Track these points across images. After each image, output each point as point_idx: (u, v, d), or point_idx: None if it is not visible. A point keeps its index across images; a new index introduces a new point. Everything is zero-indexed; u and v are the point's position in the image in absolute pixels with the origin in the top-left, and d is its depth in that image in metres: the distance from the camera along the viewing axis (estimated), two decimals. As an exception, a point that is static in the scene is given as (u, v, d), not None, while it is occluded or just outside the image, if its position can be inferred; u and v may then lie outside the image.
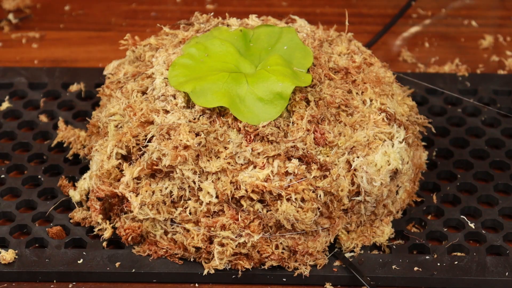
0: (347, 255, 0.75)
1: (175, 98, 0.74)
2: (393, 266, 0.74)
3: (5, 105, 0.89)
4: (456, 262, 0.74)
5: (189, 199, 0.72)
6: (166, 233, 0.73)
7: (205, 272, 0.73)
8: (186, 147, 0.70)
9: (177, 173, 0.71)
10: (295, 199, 0.70)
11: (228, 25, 0.80)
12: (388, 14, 1.05)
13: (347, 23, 0.82)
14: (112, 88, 0.78)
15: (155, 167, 0.71)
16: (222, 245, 0.72)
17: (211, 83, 0.72)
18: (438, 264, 0.74)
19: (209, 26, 0.80)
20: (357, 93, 0.75)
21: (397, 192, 0.76)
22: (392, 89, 0.78)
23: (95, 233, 0.76)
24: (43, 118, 0.88)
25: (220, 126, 0.72)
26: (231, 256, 0.72)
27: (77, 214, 0.77)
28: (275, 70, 0.73)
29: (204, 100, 0.72)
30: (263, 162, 0.71)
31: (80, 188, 0.78)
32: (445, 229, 0.77)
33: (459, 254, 0.75)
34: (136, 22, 1.04)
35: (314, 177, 0.71)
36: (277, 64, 0.74)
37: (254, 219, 0.71)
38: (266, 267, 0.73)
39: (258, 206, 0.71)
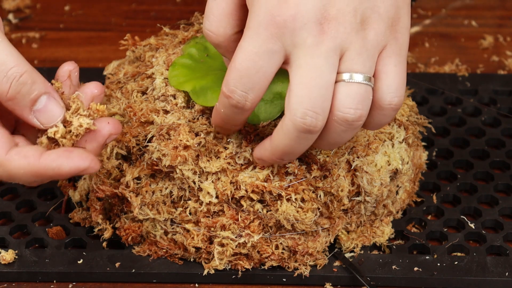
0: (347, 255, 0.75)
1: (175, 98, 0.74)
2: (393, 266, 0.74)
3: (5, 105, 0.88)
4: (456, 262, 0.74)
5: (189, 199, 0.72)
6: (166, 233, 0.73)
7: (205, 272, 0.73)
8: (186, 147, 0.70)
9: (177, 173, 0.71)
10: (295, 199, 0.70)
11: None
12: (388, 14, 1.04)
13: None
14: (112, 88, 0.78)
15: (155, 167, 0.71)
16: (222, 245, 0.72)
17: (211, 83, 0.72)
18: (438, 264, 0.74)
19: (209, 26, 0.80)
20: (357, 93, 0.75)
21: (397, 192, 0.76)
22: (392, 89, 0.78)
23: (95, 233, 0.76)
24: (43, 118, 0.87)
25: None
26: (231, 256, 0.72)
27: (77, 214, 0.77)
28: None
29: (204, 99, 0.72)
30: (263, 162, 0.71)
31: (80, 188, 0.78)
32: (445, 229, 0.77)
33: (459, 254, 0.75)
34: (136, 22, 1.04)
35: (314, 177, 0.71)
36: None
37: (254, 219, 0.71)
38: (266, 267, 0.73)
39: (258, 206, 0.71)
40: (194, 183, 0.71)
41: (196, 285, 0.74)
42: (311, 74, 0.62)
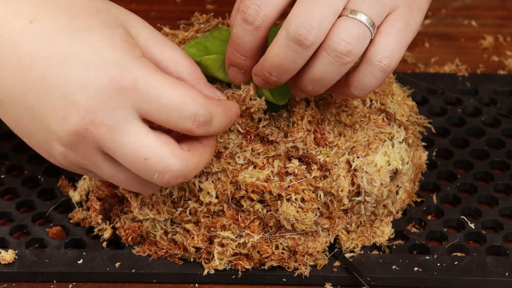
0: (347, 255, 0.75)
1: (175, 98, 0.73)
2: (393, 266, 0.74)
3: (5, 105, 0.88)
4: (456, 262, 0.74)
5: (189, 199, 0.72)
6: (166, 233, 0.73)
7: (205, 272, 0.73)
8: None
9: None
10: (295, 199, 0.70)
11: (228, 25, 0.80)
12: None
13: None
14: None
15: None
16: (222, 245, 0.72)
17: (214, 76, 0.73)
18: (438, 264, 0.74)
19: (209, 26, 0.80)
20: (357, 93, 0.75)
21: (397, 192, 0.76)
22: (392, 89, 0.78)
23: (95, 233, 0.76)
24: (43, 118, 0.87)
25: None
26: (231, 257, 0.72)
27: (77, 214, 0.77)
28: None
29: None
30: (263, 162, 0.71)
31: (80, 188, 0.78)
32: (445, 229, 0.77)
33: (459, 254, 0.75)
34: (136, 22, 1.04)
35: (314, 177, 0.71)
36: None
37: (254, 219, 0.71)
38: (266, 267, 0.73)
39: (258, 206, 0.71)
40: (195, 184, 0.71)
41: (196, 285, 0.74)
42: None
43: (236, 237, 0.71)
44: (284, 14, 0.77)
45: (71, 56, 0.61)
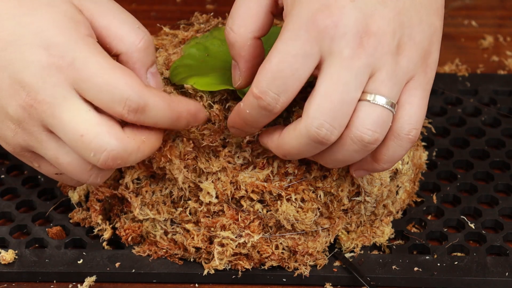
0: (347, 255, 0.75)
1: (175, 98, 0.73)
2: (393, 266, 0.74)
3: (5, 105, 0.88)
4: (456, 262, 0.74)
5: (189, 199, 0.72)
6: (166, 233, 0.73)
7: (205, 272, 0.73)
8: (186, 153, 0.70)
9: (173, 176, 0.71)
10: (295, 199, 0.70)
11: (228, 25, 0.80)
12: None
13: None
14: (112, 88, 0.78)
15: (151, 170, 0.71)
16: (222, 245, 0.72)
17: (213, 80, 0.72)
18: (438, 264, 0.74)
19: (209, 26, 0.80)
20: (357, 93, 0.75)
21: (397, 192, 0.76)
22: (392, 89, 0.78)
23: (95, 233, 0.76)
24: (43, 118, 0.87)
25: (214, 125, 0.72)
26: (231, 256, 0.72)
27: (77, 215, 0.77)
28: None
29: (208, 88, 0.71)
30: (263, 162, 0.71)
31: (79, 188, 0.78)
32: (445, 229, 0.77)
33: (459, 254, 0.75)
34: (136, 22, 1.04)
35: (314, 177, 0.71)
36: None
37: (254, 219, 0.71)
38: (266, 267, 0.73)
39: (258, 206, 0.71)
40: (194, 184, 0.71)
41: (196, 285, 0.74)
42: (338, 88, 0.61)
43: (236, 237, 0.71)
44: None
45: (16, 40, 0.63)
